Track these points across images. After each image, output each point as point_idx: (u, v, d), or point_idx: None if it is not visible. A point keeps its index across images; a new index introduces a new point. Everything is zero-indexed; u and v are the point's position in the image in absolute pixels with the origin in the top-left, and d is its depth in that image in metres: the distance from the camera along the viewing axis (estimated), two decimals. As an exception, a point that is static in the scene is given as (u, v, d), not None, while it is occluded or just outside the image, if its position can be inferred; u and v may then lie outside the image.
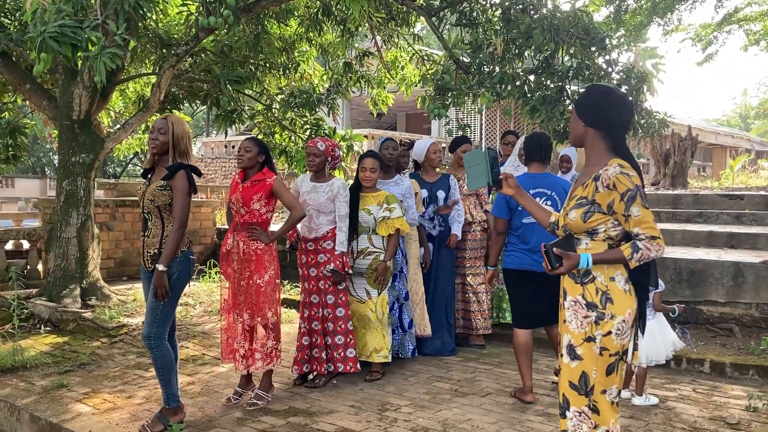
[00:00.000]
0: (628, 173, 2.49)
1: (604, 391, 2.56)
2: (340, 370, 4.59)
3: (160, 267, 3.54)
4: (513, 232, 4.30)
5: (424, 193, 5.44)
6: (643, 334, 2.64)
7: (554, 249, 2.61)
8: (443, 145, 14.38)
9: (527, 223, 4.24)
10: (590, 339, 2.55)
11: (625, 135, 2.65)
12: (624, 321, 2.52)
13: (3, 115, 8.42)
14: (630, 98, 2.66)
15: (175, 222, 3.62)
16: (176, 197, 3.62)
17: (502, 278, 4.69)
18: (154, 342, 3.66)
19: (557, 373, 4.30)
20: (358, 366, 4.62)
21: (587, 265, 2.55)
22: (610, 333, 2.51)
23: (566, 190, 4.21)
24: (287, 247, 4.71)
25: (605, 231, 2.56)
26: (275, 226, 4.36)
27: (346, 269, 4.52)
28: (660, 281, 4.19)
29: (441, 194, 5.47)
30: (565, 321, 2.65)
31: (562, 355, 2.66)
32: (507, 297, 5.98)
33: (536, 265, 4.04)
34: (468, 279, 5.66)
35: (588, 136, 2.65)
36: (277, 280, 4.25)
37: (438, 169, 5.68)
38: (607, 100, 2.61)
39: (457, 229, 5.49)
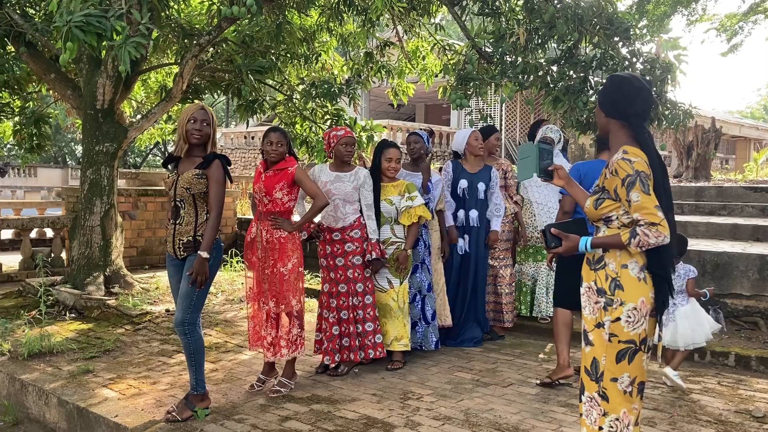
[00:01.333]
0: (630, 159, 2.49)
1: (615, 379, 2.55)
2: (371, 356, 4.63)
3: (204, 254, 3.58)
4: (578, 215, 4.25)
5: (464, 183, 5.33)
6: (661, 329, 2.63)
7: (552, 230, 2.68)
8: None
9: None
10: (600, 325, 2.58)
11: (644, 124, 2.64)
12: (635, 309, 2.50)
13: (28, 104, 8.54)
14: (649, 87, 2.65)
15: (212, 210, 3.67)
16: (212, 186, 3.68)
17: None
18: (188, 327, 3.71)
19: (577, 371, 4.30)
20: (385, 351, 4.67)
21: (585, 248, 2.61)
22: (618, 319, 2.52)
23: None
24: (303, 237, 4.67)
25: (618, 218, 2.57)
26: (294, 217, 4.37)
27: (384, 255, 4.58)
28: (692, 267, 4.36)
29: (481, 186, 5.36)
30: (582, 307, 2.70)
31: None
32: (525, 290, 5.98)
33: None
34: (500, 272, 5.65)
35: (610, 126, 2.70)
36: (300, 269, 4.27)
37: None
38: (621, 90, 2.62)
39: (496, 225, 5.43)
